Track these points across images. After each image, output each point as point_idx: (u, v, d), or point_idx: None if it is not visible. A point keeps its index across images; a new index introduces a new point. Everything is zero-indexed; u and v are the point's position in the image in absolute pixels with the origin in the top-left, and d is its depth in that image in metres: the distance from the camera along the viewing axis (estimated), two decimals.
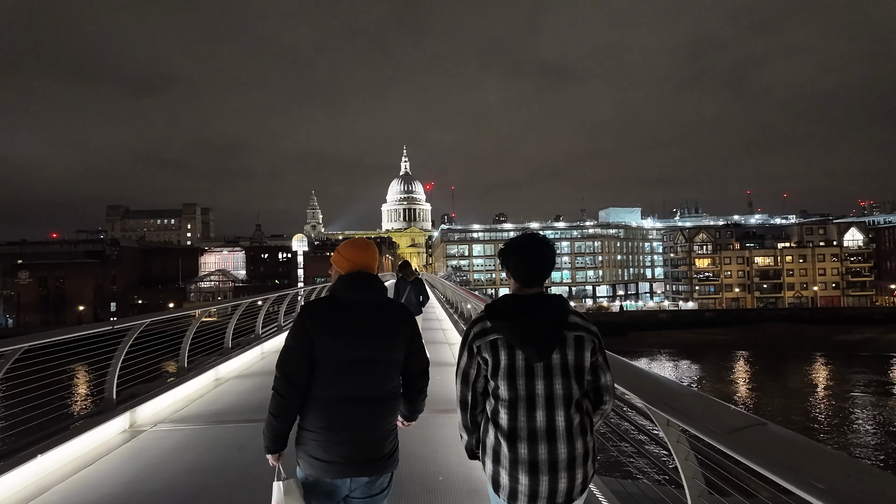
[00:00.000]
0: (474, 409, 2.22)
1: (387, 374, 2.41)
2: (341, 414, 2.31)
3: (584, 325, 2.14)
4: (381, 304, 2.46)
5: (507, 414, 2.07)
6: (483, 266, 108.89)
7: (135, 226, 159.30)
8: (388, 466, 2.41)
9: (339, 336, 2.34)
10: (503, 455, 2.06)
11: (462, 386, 2.21)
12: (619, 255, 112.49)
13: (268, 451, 2.39)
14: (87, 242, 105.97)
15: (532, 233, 2.35)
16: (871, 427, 36.21)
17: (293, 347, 2.35)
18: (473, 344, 2.16)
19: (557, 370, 2.07)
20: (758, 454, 1.72)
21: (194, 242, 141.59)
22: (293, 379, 2.32)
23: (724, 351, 65.01)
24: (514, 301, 2.16)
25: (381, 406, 2.38)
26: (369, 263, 2.53)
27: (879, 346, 64.05)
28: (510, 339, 2.08)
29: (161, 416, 6.30)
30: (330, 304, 2.42)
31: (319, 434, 2.31)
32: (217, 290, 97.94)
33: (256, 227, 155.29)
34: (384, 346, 2.39)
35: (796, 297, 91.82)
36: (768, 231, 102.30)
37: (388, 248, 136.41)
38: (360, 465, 2.32)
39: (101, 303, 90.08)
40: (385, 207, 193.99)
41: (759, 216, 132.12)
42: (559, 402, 2.05)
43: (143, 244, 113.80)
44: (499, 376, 2.09)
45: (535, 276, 2.20)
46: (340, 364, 2.33)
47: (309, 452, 2.32)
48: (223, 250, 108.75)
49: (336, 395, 2.32)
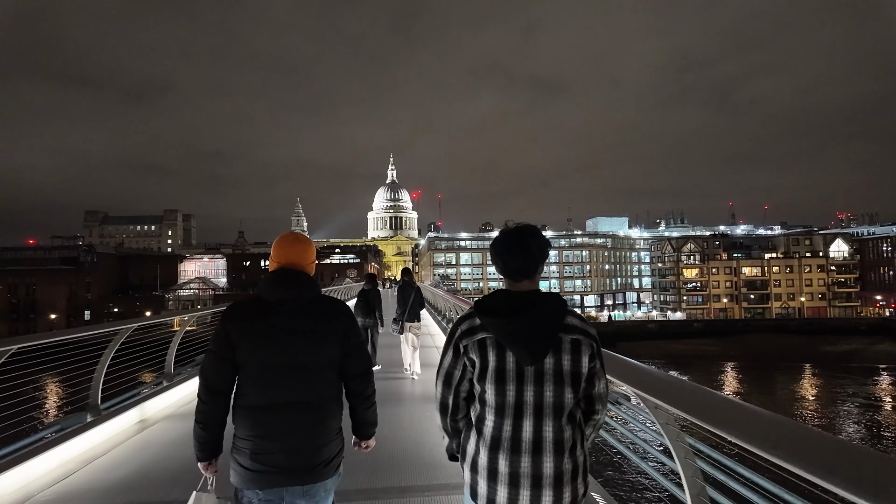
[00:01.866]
0: (455, 413, 2.02)
1: (318, 376, 2.25)
2: (269, 421, 2.17)
3: (581, 327, 1.93)
4: (309, 302, 2.29)
5: (492, 421, 1.89)
6: (471, 274, 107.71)
7: (113, 232, 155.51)
8: (323, 475, 2.23)
9: (260, 338, 2.20)
10: (481, 465, 1.89)
11: (444, 388, 2.01)
12: (606, 264, 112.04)
13: (197, 459, 2.30)
14: (62, 249, 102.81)
15: (521, 223, 2.07)
16: (860, 440, 35.59)
17: (211, 351, 2.25)
18: (460, 343, 1.95)
19: (550, 376, 1.87)
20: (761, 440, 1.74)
21: (175, 249, 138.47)
22: (211, 384, 2.23)
23: (713, 362, 65.20)
24: (506, 297, 1.95)
25: (313, 411, 2.22)
26: (294, 260, 2.35)
27: (866, 357, 64.33)
28: (500, 338, 1.88)
29: (161, 414, 6.57)
30: (253, 305, 2.26)
31: (249, 442, 2.17)
32: (197, 298, 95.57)
33: (239, 234, 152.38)
34: (310, 346, 2.24)
35: (783, 307, 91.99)
36: (755, 241, 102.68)
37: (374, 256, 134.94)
38: (292, 474, 2.17)
39: (74, 311, 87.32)
40: (371, 215, 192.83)
41: (744, 227, 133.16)
42: (549, 411, 1.86)
43: (121, 251, 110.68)
44: (486, 380, 1.89)
45: (516, 269, 1.97)
46: (265, 368, 2.20)
47: (239, 461, 2.19)
48: (203, 257, 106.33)
49: (263, 400, 2.19)
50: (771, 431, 1.76)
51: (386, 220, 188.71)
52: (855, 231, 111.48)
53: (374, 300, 10.03)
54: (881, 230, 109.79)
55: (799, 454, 1.54)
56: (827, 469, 1.43)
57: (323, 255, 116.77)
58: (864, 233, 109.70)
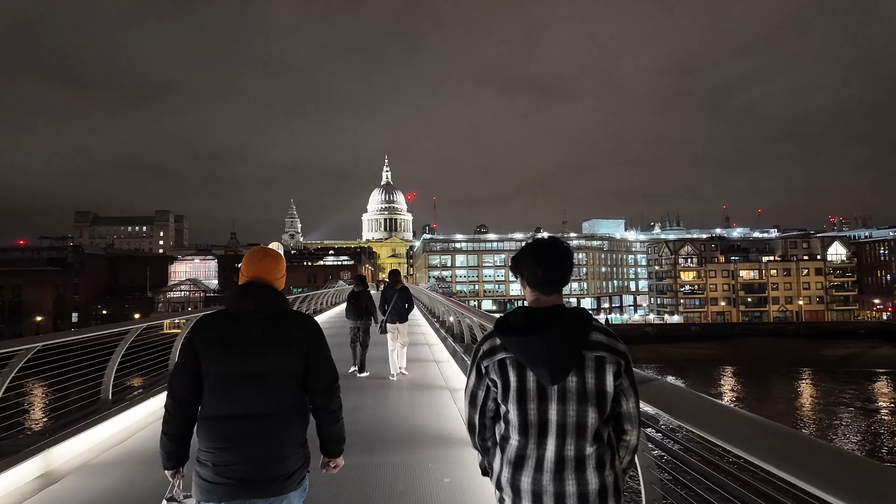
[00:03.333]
0: (482, 433, 2.02)
1: (278, 388, 2.25)
2: (229, 432, 2.18)
3: (607, 343, 1.87)
4: (273, 314, 2.31)
5: (516, 440, 1.87)
6: (466, 277, 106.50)
7: (104, 233, 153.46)
8: (282, 489, 2.21)
9: (221, 349, 2.23)
10: (505, 482, 1.88)
11: (470, 408, 2.02)
12: (603, 267, 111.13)
13: (164, 467, 2.35)
14: (51, 249, 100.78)
15: (548, 236, 2.18)
16: (859, 448, 35.01)
17: (179, 363, 2.30)
18: (482, 364, 1.94)
19: (573, 395, 1.82)
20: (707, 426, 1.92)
21: (167, 251, 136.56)
22: (176, 394, 2.27)
23: (711, 366, 64.63)
24: (526, 314, 1.90)
25: (272, 423, 2.21)
26: (260, 274, 2.39)
27: (866, 361, 63.81)
28: (520, 357, 1.85)
29: None
30: (218, 317, 2.32)
31: (209, 454, 2.19)
32: (187, 300, 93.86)
33: (231, 236, 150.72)
34: (271, 358, 2.24)
35: (781, 311, 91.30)
36: (752, 245, 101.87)
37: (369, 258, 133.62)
38: (252, 487, 2.17)
39: (61, 313, 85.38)
40: (366, 217, 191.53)
41: (740, 230, 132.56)
42: (572, 430, 1.82)
43: (111, 252, 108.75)
44: (509, 399, 1.87)
45: (553, 279, 1.94)
46: (225, 378, 2.22)
47: (199, 473, 2.20)
48: (195, 259, 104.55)
49: (222, 411, 2.20)
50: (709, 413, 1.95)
51: (380, 221, 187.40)
52: (852, 234, 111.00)
53: (366, 301, 10.07)
54: (878, 233, 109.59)
55: (731, 433, 1.69)
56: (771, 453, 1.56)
57: (316, 256, 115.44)
58: (860, 236, 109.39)
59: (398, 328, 9.50)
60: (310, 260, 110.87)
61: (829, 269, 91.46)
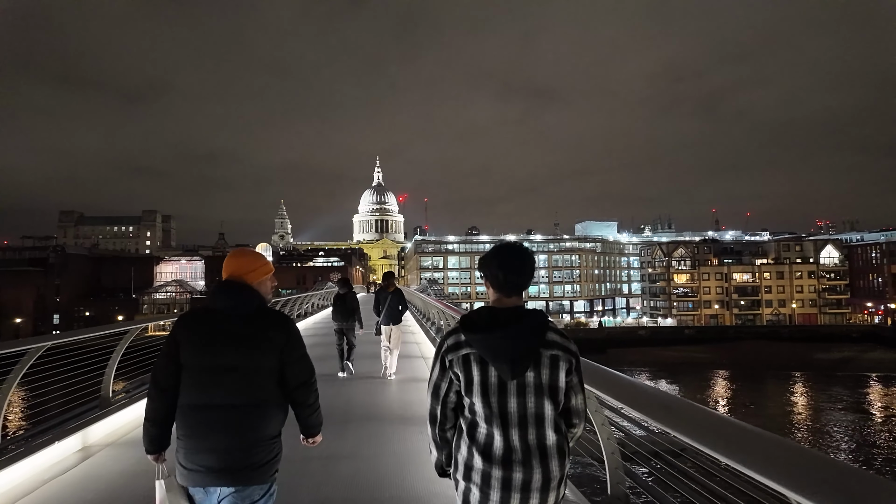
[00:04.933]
0: (444, 424, 2.13)
1: (252, 382, 2.36)
2: (202, 421, 2.30)
3: (561, 342, 2.05)
4: (249, 311, 2.43)
5: (484, 429, 2.00)
6: (458, 279, 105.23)
7: (89, 233, 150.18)
8: (254, 479, 2.32)
9: (200, 341, 2.37)
10: (475, 470, 1.99)
11: (433, 400, 2.13)
12: (596, 269, 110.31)
13: (146, 451, 2.45)
14: (32, 249, 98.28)
15: (513, 241, 2.28)
16: (853, 453, 34.61)
17: (163, 352, 2.43)
18: (446, 357, 2.07)
19: (531, 388, 1.99)
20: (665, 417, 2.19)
21: (154, 251, 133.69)
22: (159, 382, 2.39)
23: (705, 369, 64.43)
24: (489, 313, 2.06)
25: (245, 415, 2.32)
26: (238, 272, 2.51)
27: (859, 365, 63.75)
28: (483, 353, 1.99)
29: None
30: (201, 311, 2.47)
31: (184, 441, 2.32)
32: (173, 301, 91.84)
33: (219, 236, 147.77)
34: (244, 352, 2.36)
35: (774, 314, 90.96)
36: (745, 247, 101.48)
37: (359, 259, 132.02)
38: (219, 474, 2.28)
39: (42, 314, 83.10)
40: (357, 218, 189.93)
41: (732, 233, 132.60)
42: (532, 420, 1.99)
43: (95, 252, 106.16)
44: (472, 392, 2.02)
45: (514, 283, 2.11)
46: (202, 370, 2.34)
47: (177, 458, 2.34)
48: (181, 259, 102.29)
49: (198, 401, 2.33)
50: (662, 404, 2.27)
51: (371, 223, 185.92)
52: (844, 238, 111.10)
53: (352, 303, 10.24)
54: (870, 237, 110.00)
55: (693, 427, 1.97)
56: None
57: (306, 258, 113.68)
58: (852, 239, 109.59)
59: (391, 329, 9.67)
60: (299, 261, 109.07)
61: (821, 272, 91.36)
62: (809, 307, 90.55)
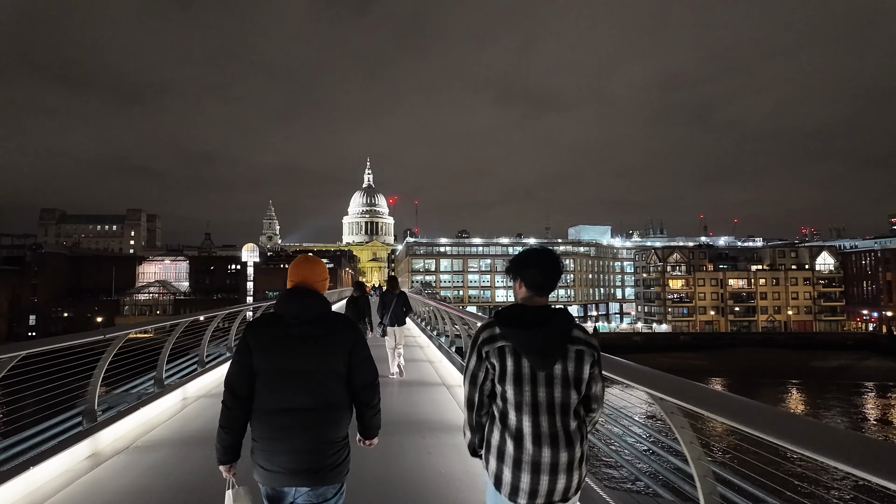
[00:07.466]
0: (480, 409, 2.31)
1: (322, 384, 2.44)
2: (278, 423, 2.37)
3: (585, 339, 2.26)
4: (318, 315, 2.52)
5: (514, 416, 2.20)
6: (451, 282, 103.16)
7: (71, 231, 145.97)
8: (329, 479, 2.41)
9: (272, 346, 2.43)
10: (507, 454, 2.18)
11: (470, 387, 2.31)
12: (589, 273, 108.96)
13: (219, 462, 2.49)
14: (10, 248, 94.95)
15: (544, 246, 2.50)
16: None
17: (235, 360, 2.48)
18: (482, 349, 2.26)
19: (558, 380, 2.19)
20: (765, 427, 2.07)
21: (138, 251, 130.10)
22: (235, 390, 2.44)
23: (701, 377, 62.80)
24: (522, 311, 2.26)
25: (317, 417, 2.40)
26: (306, 278, 2.63)
27: (856, 373, 63.10)
28: (518, 347, 2.19)
29: (158, 419, 6.61)
30: (269, 318, 2.55)
31: (262, 444, 2.39)
32: (156, 302, 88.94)
33: (206, 236, 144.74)
34: (316, 356, 2.44)
35: (769, 320, 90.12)
36: (740, 253, 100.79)
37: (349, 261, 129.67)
38: (298, 476, 2.37)
39: (18, 315, 79.91)
40: (346, 220, 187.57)
41: (725, 238, 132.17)
42: (559, 408, 2.18)
43: (75, 251, 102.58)
44: (506, 381, 2.21)
45: (548, 285, 2.32)
46: (275, 374, 2.41)
47: (256, 461, 2.42)
48: (165, 259, 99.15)
49: (274, 405, 2.39)
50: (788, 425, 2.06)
51: (361, 224, 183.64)
52: (839, 244, 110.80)
53: (364, 307, 10.60)
54: (864, 244, 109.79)
55: (815, 443, 1.80)
56: None
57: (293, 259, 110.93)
58: (846, 246, 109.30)
59: (396, 331, 9.95)
60: (287, 262, 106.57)
61: (816, 278, 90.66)
62: (805, 314, 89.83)
